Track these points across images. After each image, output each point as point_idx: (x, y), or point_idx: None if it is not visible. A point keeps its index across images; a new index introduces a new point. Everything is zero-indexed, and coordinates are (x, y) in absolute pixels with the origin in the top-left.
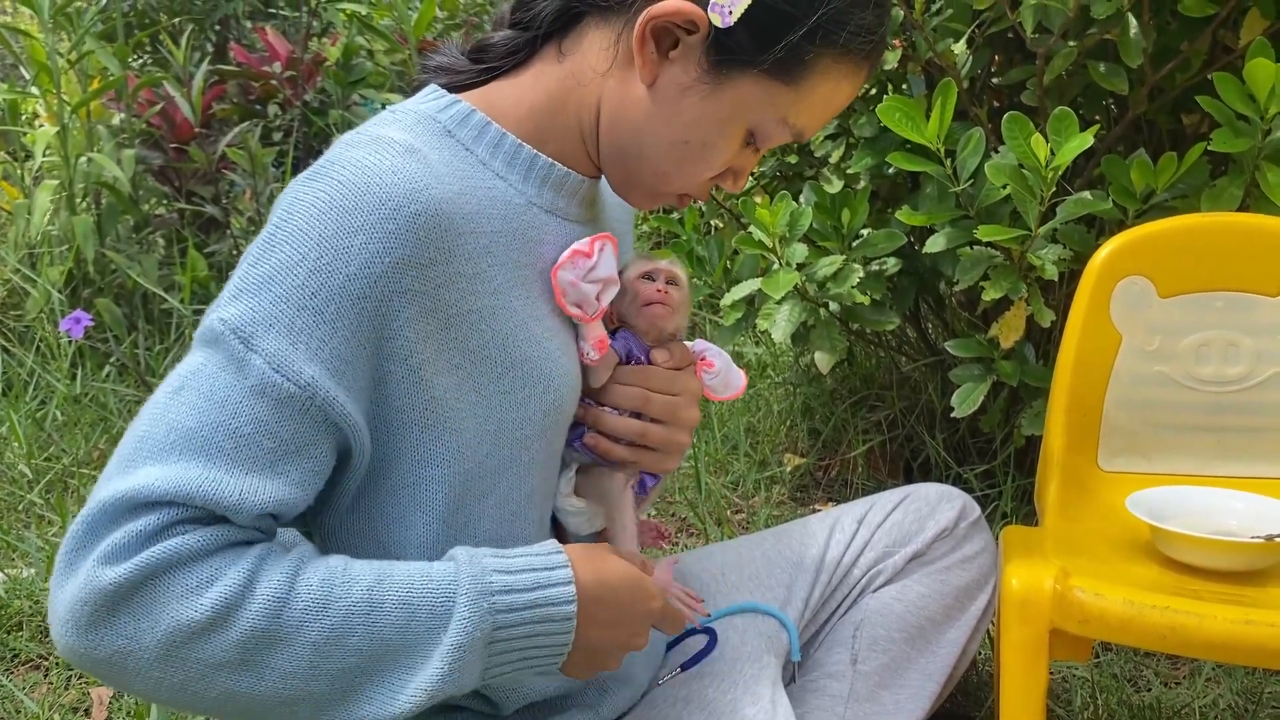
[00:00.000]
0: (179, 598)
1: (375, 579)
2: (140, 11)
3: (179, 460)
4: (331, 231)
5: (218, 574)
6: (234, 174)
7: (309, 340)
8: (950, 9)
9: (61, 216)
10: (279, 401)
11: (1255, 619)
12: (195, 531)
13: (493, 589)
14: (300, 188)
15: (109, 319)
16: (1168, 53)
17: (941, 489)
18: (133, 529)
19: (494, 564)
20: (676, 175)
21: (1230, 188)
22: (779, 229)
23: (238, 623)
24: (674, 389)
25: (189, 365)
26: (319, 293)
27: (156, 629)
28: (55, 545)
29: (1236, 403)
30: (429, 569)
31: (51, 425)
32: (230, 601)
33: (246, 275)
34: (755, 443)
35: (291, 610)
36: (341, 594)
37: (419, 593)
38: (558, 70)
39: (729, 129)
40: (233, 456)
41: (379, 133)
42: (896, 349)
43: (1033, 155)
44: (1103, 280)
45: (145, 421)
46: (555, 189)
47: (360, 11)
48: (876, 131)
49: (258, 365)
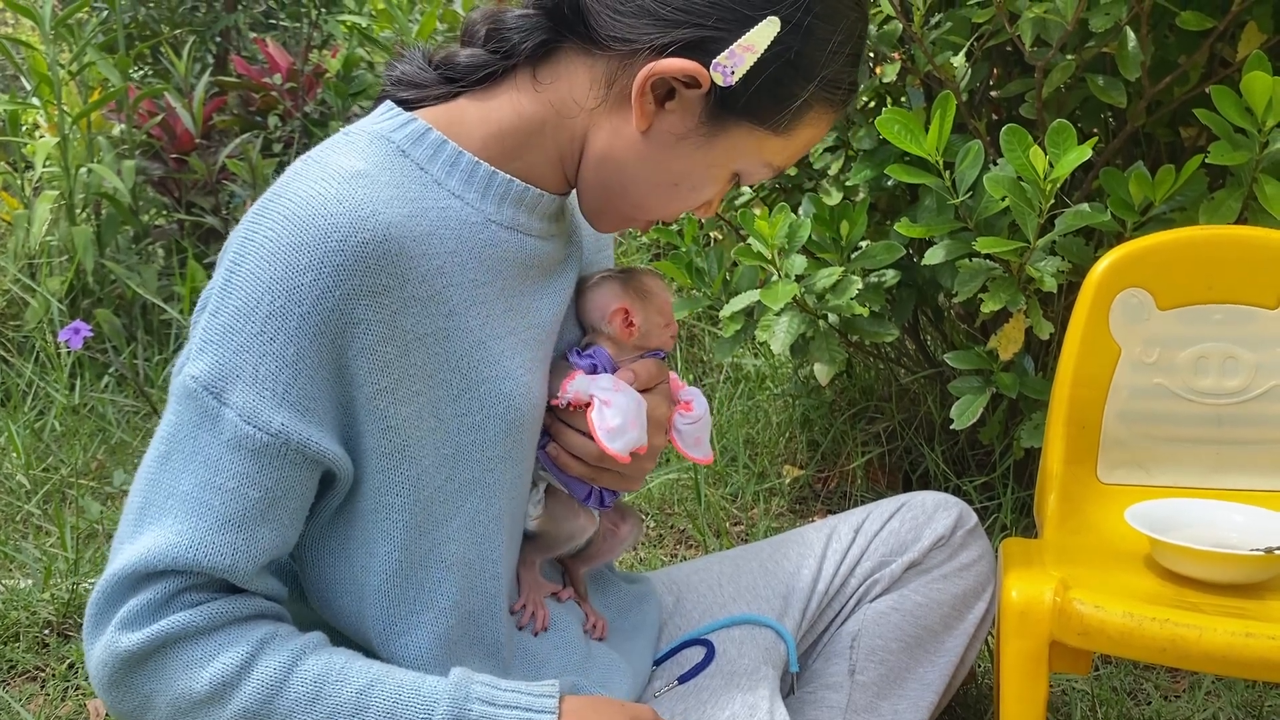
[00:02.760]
0: (184, 669)
1: (368, 683)
2: (141, 23)
3: (175, 524)
4: (281, 273)
5: (219, 650)
6: (234, 185)
7: (274, 386)
8: (949, 22)
9: (61, 227)
10: (255, 452)
11: (1255, 632)
12: (203, 602)
13: (470, 717)
14: (249, 226)
15: (108, 329)
16: (1166, 66)
17: (938, 497)
18: (144, 598)
19: (481, 692)
20: (659, 211)
21: (1228, 200)
22: (778, 241)
23: (233, 700)
24: None
25: (169, 426)
26: (276, 337)
27: (166, 694)
28: (53, 556)
29: (1236, 415)
30: (421, 682)
31: (50, 436)
32: (227, 680)
33: (210, 327)
34: (754, 454)
35: (284, 698)
36: (333, 692)
37: (404, 704)
38: (534, 97)
39: (718, 173)
40: (223, 514)
41: (326, 159)
42: (895, 361)
43: (1031, 168)
44: (1101, 292)
45: (143, 489)
46: (515, 205)
47: (361, 24)
48: (875, 144)
49: (230, 419)
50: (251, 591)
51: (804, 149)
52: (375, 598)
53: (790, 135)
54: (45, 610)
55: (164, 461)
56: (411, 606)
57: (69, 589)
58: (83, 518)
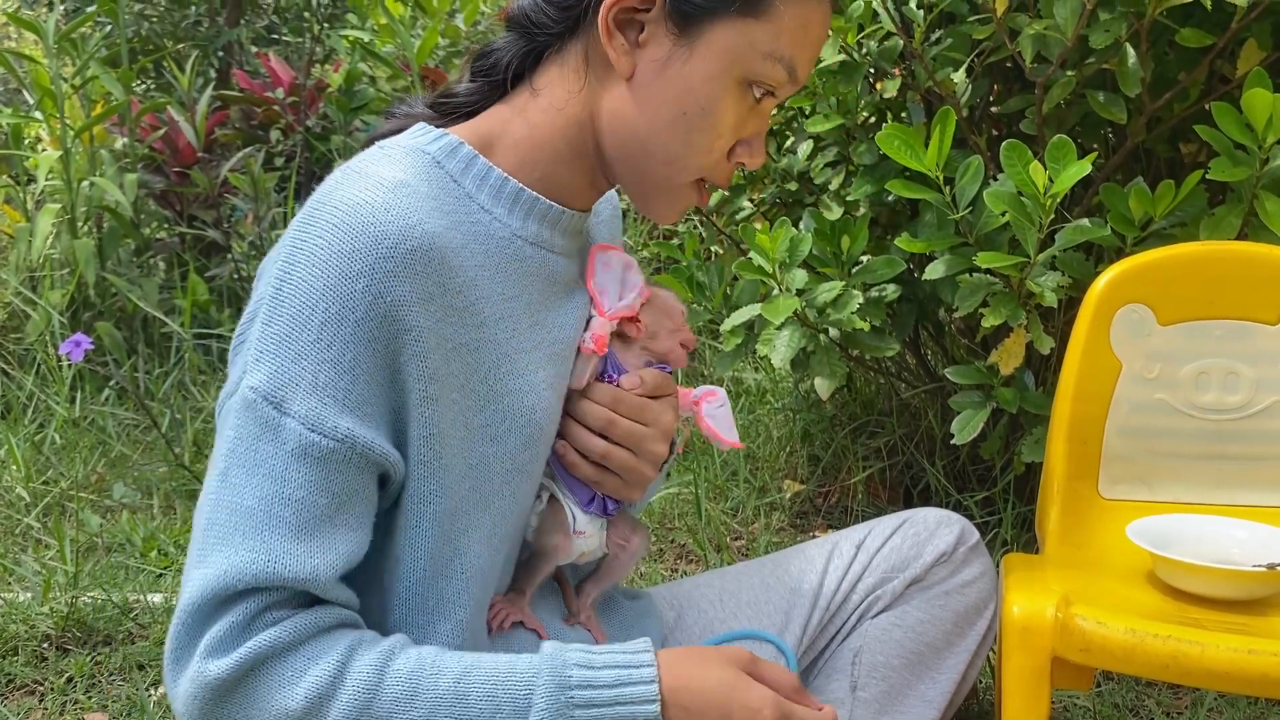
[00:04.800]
0: (277, 688)
1: (463, 671)
2: (144, 37)
3: (246, 542)
4: (334, 280)
5: (310, 663)
6: (236, 198)
7: (334, 392)
8: (949, 38)
9: (63, 240)
10: (321, 459)
11: (1258, 648)
12: (286, 618)
13: (571, 683)
14: (298, 234)
15: (109, 342)
16: (1166, 82)
17: (940, 514)
18: (227, 623)
19: (577, 658)
20: (687, 154)
21: (1229, 216)
22: (779, 255)
23: (330, 711)
24: (643, 418)
25: (227, 442)
26: (334, 343)
27: (262, 717)
28: (52, 569)
29: (1237, 431)
30: (515, 661)
31: (50, 448)
32: (323, 691)
33: (264, 337)
34: (755, 469)
35: (381, 701)
36: (429, 685)
37: (502, 684)
38: (535, 104)
39: (721, 85)
40: (294, 524)
41: (368, 169)
42: (896, 375)
43: (1031, 183)
44: (1102, 308)
45: (207, 510)
46: (540, 220)
47: (363, 38)
48: (876, 159)
49: (293, 428)
50: (330, 602)
51: (803, 33)
52: (399, 606)
53: (772, 14)
54: (44, 624)
55: (224, 479)
56: (430, 616)
57: (68, 602)
58: (82, 531)
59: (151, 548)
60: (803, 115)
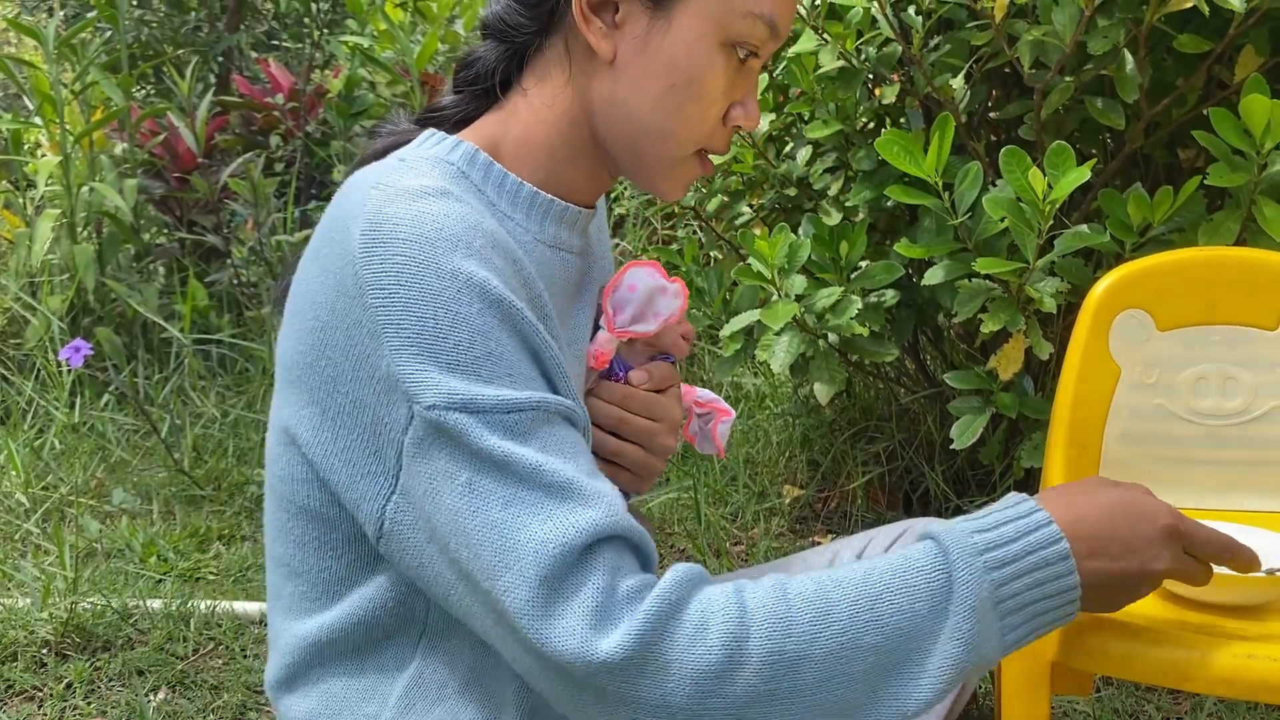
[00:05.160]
0: (688, 648)
1: (864, 574)
2: (144, 43)
3: (552, 509)
4: (436, 286)
5: (708, 614)
6: (236, 204)
7: (499, 374)
8: (948, 44)
9: (63, 245)
10: (530, 430)
11: (1258, 654)
12: (649, 582)
13: (978, 548)
14: (376, 266)
15: (109, 348)
16: (1164, 88)
17: (942, 523)
18: (593, 591)
19: (970, 527)
20: (682, 126)
21: (1227, 222)
22: (778, 261)
23: (751, 652)
24: (652, 413)
25: (442, 475)
26: (474, 340)
27: (683, 679)
28: (51, 575)
29: (1236, 436)
30: (905, 554)
31: (49, 454)
32: (737, 634)
33: (403, 363)
34: (754, 474)
35: (797, 624)
36: (838, 596)
37: (911, 574)
38: (527, 105)
39: (705, 51)
40: (572, 484)
41: (398, 182)
42: (895, 380)
43: (1030, 189)
44: (1101, 313)
45: (478, 529)
46: (556, 222)
47: (362, 44)
48: (875, 165)
49: (493, 420)
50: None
51: None
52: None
53: None
54: (43, 629)
55: (471, 489)
56: None
57: (67, 608)
58: (82, 536)
59: (151, 553)
60: (802, 121)
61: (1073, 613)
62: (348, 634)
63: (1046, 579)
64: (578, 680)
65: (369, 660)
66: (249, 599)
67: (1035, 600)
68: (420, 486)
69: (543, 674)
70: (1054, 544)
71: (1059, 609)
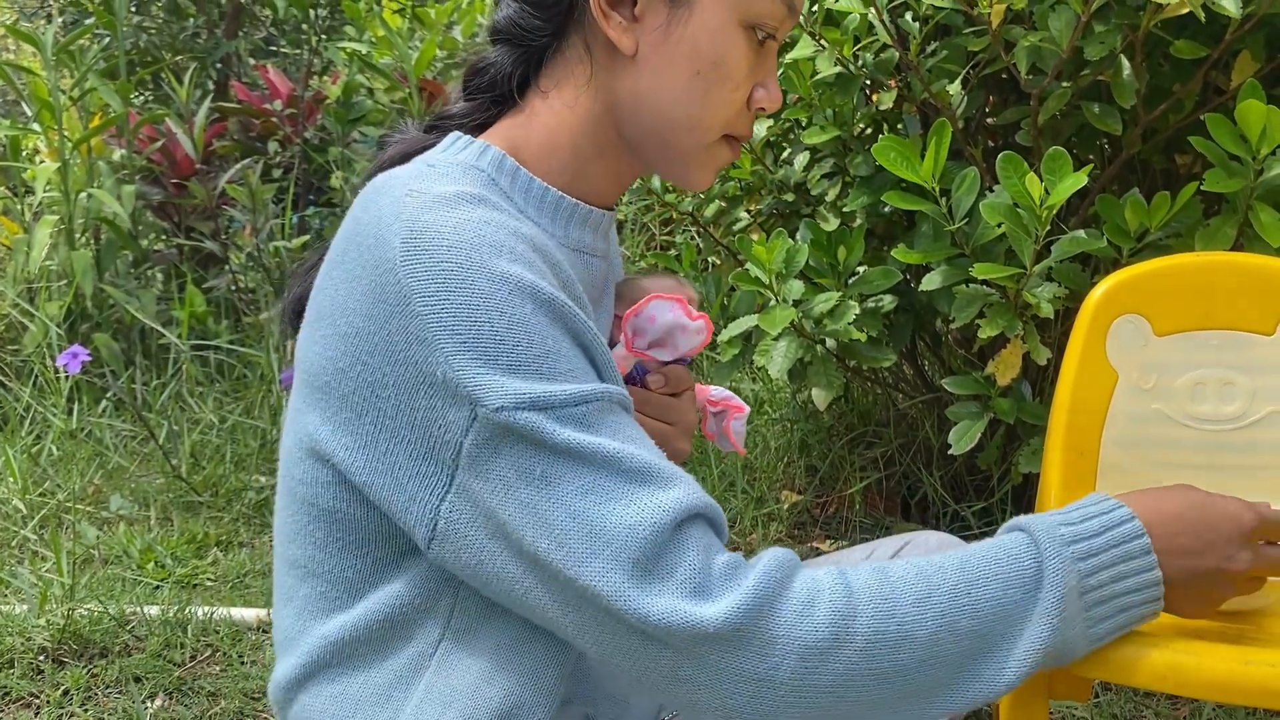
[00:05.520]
0: (794, 623)
1: (961, 560)
2: (143, 50)
3: (638, 492)
4: (486, 288)
5: (814, 592)
6: (234, 210)
7: (560, 370)
8: (945, 50)
9: (60, 251)
10: (598, 421)
11: (1255, 659)
12: (743, 560)
13: (1066, 539)
14: (415, 268)
15: (107, 354)
16: (1160, 94)
17: (941, 537)
18: (691, 563)
19: (1057, 519)
20: (709, 112)
21: (1224, 227)
22: (775, 266)
23: (857, 629)
24: (668, 417)
25: (517, 472)
26: (532, 340)
27: (789, 653)
28: (49, 581)
29: (1233, 441)
30: (998, 543)
31: (47, 460)
32: (843, 611)
33: (461, 368)
34: (752, 480)
35: (901, 607)
36: (938, 582)
37: (1006, 562)
38: (548, 107)
39: (727, 34)
40: (660, 459)
41: (428, 189)
42: (894, 386)
43: (1027, 194)
44: (1098, 318)
45: (561, 520)
46: (581, 225)
47: (361, 50)
48: (872, 170)
49: (564, 414)
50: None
51: None
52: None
53: None
54: (41, 636)
55: (547, 483)
56: None
57: (64, 615)
58: (79, 543)
59: (149, 559)
60: (799, 127)
61: (1157, 609)
62: (368, 633)
63: (1130, 572)
64: (680, 651)
65: (388, 661)
66: (246, 605)
67: (1120, 594)
68: (486, 485)
69: (641, 650)
70: (1137, 538)
71: (1144, 604)
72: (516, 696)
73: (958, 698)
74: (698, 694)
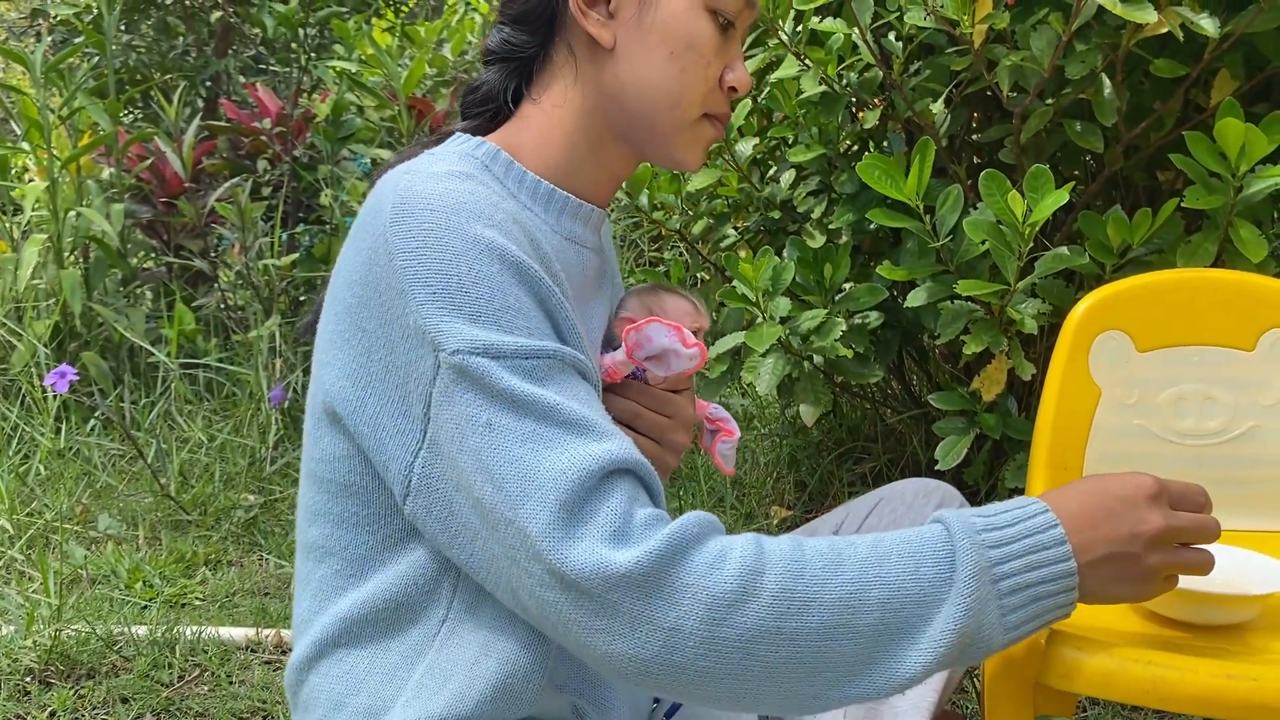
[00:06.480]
0: (705, 573)
1: (873, 540)
2: (132, 68)
3: (574, 441)
4: (460, 246)
5: (727, 549)
6: (223, 228)
7: (518, 325)
8: (928, 69)
9: (49, 270)
10: (547, 376)
11: (1237, 673)
12: (664, 517)
13: (979, 528)
14: (400, 229)
15: (95, 373)
16: (1141, 112)
17: (918, 484)
18: (611, 511)
19: (970, 513)
20: (686, 89)
21: (1205, 243)
22: (762, 283)
23: (764, 586)
24: (666, 410)
25: (472, 414)
26: (494, 293)
27: (694, 606)
28: (35, 602)
29: (1215, 456)
30: (912, 529)
31: (34, 480)
32: (753, 567)
33: (428, 315)
34: (741, 495)
35: (809, 569)
36: (849, 553)
37: (918, 543)
38: (539, 109)
39: (693, 15)
40: (602, 418)
41: (423, 168)
42: (881, 401)
43: (1009, 212)
44: (1081, 334)
45: (500, 462)
46: (572, 217)
47: (350, 69)
48: (857, 188)
49: (514, 364)
50: None
51: None
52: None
53: None
54: (27, 658)
55: (491, 429)
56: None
57: (51, 635)
58: (67, 563)
59: (137, 579)
60: (785, 145)
61: (1072, 599)
62: (377, 613)
63: (1043, 562)
64: (594, 597)
65: (395, 641)
66: (235, 625)
67: (1034, 583)
68: (446, 433)
69: (559, 599)
70: (1050, 529)
71: (1059, 594)
72: (512, 665)
73: (875, 679)
74: (613, 644)
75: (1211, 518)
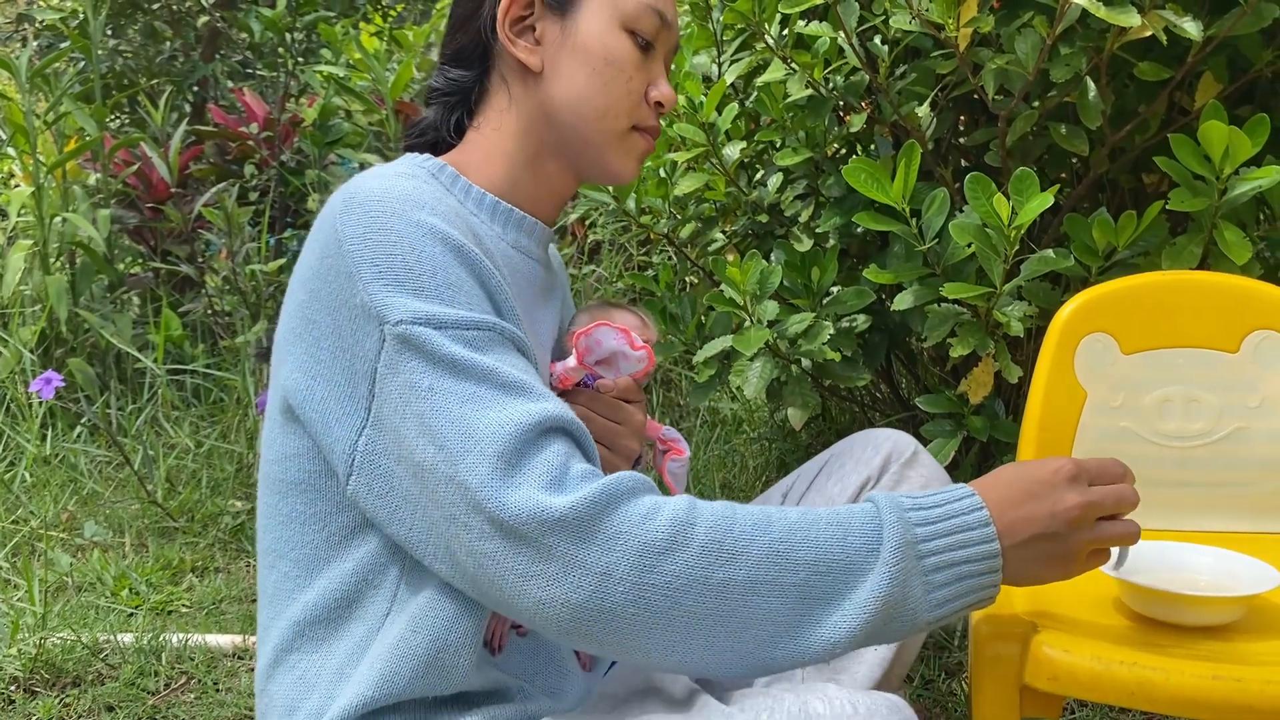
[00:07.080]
0: (637, 524)
1: (803, 510)
2: (119, 73)
3: (524, 401)
4: (402, 227)
5: (660, 503)
6: (210, 234)
7: (460, 300)
8: (914, 73)
9: (35, 276)
10: (486, 347)
11: (1222, 674)
12: (589, 465)
13: (906, 507)
14: (348, 218)
15: (81, 379)
16: (1126, 114)
17: (867, 435)
18: (548, 462)
19: (900, 493)
20: (611, 101)
21: (1189, 246)
22: (750, 287)
23: (694, 539)
24: (617, 416)
25: (415, 382)
26: (437, 269)
27: (625, 553)
28: (20, 610)
29: (1200, 458)
30: (841, 506)
31: (20, 487)
32: (683, 519)
33: (374, 292)
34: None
35: (739, 526)
36: (778, 516)
37: (846, 515)
38: (480, 134)
39: (611, 34)
40: (539, 384)
41: (380, 170)
42: (869, 404)
43: (995, 215)
44: (1066, 337)
45: (441, 419)
46: (518, 228)
47: (337, 73)
48: (844, 192)
49: (456, 333)
50: None
51: None
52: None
53: None
54: (11, 666)
55: (433, 393)
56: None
57: (36, 644)
58: (52, 570)
59: (123, 586)
60: (772, 148)
61: (995, 580)
62: (325, 613)
63: (967, 542)
64: (530, 542)
65: (341, 641)
66: (222, 632)
67: (959, 561)
68: (390, 404)
69: (496, 548)
70: (975, 511)
71: (982, 574)
72: (442, 639)
73: (800, 643)
74: (546, 589)
75: (1128, 487)
